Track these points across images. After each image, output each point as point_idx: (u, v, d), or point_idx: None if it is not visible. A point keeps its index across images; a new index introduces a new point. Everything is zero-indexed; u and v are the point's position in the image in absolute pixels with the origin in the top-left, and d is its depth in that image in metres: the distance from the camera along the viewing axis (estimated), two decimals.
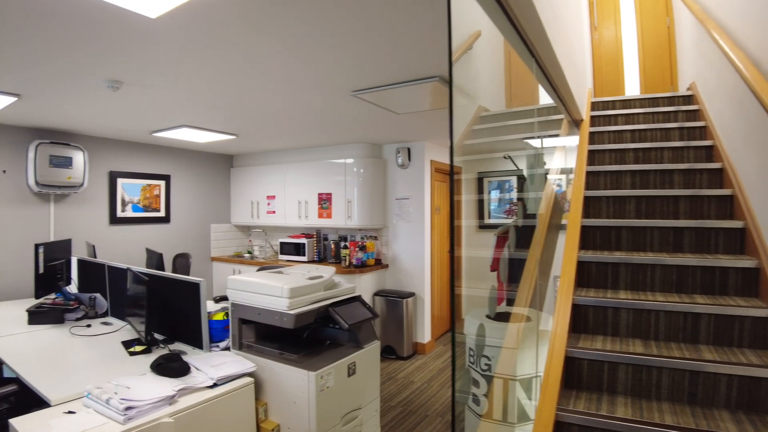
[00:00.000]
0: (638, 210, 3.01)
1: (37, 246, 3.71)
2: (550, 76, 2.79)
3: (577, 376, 2.20)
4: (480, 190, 6.35)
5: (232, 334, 2.74)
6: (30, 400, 2.34)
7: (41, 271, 3.73)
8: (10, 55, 2.71)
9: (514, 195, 5.34)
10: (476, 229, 6.41)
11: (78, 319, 3.57)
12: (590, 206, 3.14)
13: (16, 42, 2.51)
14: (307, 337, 2.85)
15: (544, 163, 4.07)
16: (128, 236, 5.73)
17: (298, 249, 5.98)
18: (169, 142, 5.73)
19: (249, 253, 6.74)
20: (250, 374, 2.47)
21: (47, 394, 2.12)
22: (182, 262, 5.35)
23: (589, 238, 2.93)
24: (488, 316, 3.34)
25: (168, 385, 2.18)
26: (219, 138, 5.25)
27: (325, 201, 5.76)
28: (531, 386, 2.93)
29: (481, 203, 6.35)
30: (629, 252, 2.74)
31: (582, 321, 2.44)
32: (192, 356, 2.60)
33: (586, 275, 2.67)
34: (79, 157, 4.97)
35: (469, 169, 6.45)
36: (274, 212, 6.34)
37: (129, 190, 5.75)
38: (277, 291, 2.46)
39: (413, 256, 5.51)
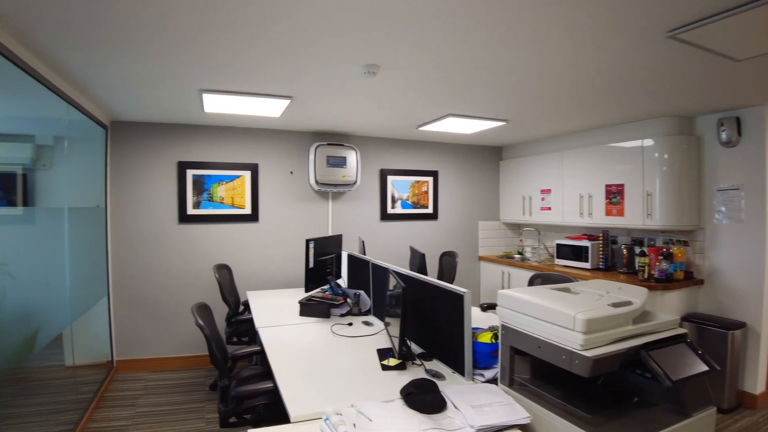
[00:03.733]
0: None
1: (308, 241, 3.78)
2: None
3: None
4: None
5: (502, 365, 2.10)
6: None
7: (311, 265, 3.79)
8: (282, 59, 2.75)
9: None
10: None
11: (342, 315, 3.53)
12: None
13: (287, 46, 2.52)
14: (603, 385, 2.01)
15: None
16: (397, 232, 5.74)
17: (578, 253, 5.00)
18: (436, 136, 5.53)
19: (519, 254, 6.06)
20: (521, 426, 1.78)
21: (290, 409, 1.95)
22: (449, 260, 5.05)
23: None
24: None
25: (416, 424, 1.72)
26: (487, 126, 4.73)
27: (614, 194, 4.64)
28: None
29: None
30: None
31: None
32: (450, 385, 2.10)
33: None
34: (352, 157, 5.14)
35: None
36: (549, 208, 5.49)
37: (398, 186, 5.74)
38: (566, 320, 1.70)
39: (745, 269, 3.94)
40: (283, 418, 1.90)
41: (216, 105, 3.83)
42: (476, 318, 3.19)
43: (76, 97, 3.50)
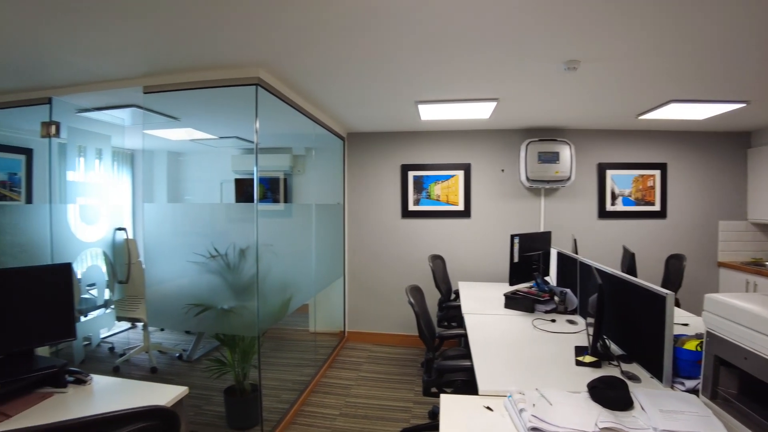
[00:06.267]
0: None
1: (512, 237, 3.91)
2: None
3: None
4: None
5: (704, 375, 1.97)
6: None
7: (516, 260, 3.90)
8: (485, 66, 2.98)
9: None
10: None
11: (547, 312, 3.56)
12: None
13: (487, 54, 2.76)
14: None
15: None
16: (617, 231, 5.38)
17: None
18: (661, 124, 5.00)
19: None
20: None
21: (480, 382, 2.18)
22: (675, 264, 4.59)
23: None
24: None
25: (594, 415, 1.75)
26: (722, 110, 4.13)
27: None
28: None
29: None
30: None
31: None
32: (643, 387, 2.08)
33: None
34: (566, 152, 5.03)
35: None
36: None
37: (619, 181, 5.39)
38: None
39: None
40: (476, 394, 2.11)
41: (430, 113, 4.26)
42: (700, 327, 2.92)
43: (320, 116, 4.32)
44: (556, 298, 3.64)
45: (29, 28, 2.38)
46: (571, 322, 3.29)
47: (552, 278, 4.52)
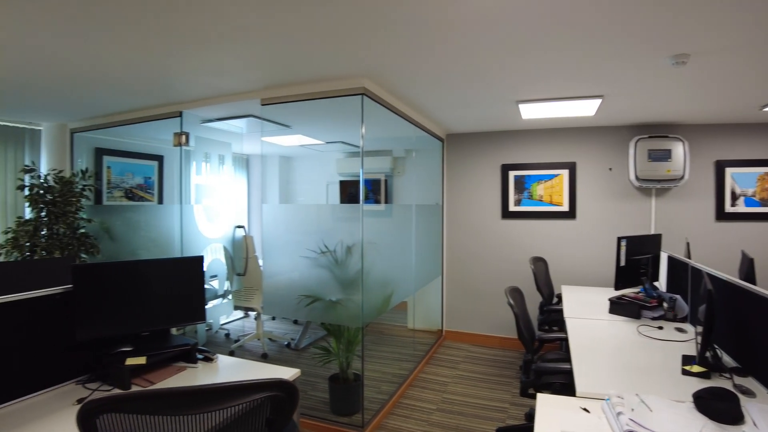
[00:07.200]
0: None
1: (619, 239, 3.76)
2: None
3: None
4: None
5: None
6: None
7: (622, 264, 3.75)
8: (587, 64, 2.97)
9: None
10: None
11: (654, 318, 3.41)
12: None
13: (591, 53, 2.74)
14: None
15: None
16: (738, 235, 4.92)
17: None
18: None
19: None
20: None
21: (578, 384, 2.16)
22: None
23: None
24: None
25: (698, 427, 1.71)
26: None
27: None
28: None
29: None
30: None
31: None
32: (759, 402, 1.95)
33: None
34: (678, 149, 4.74)
35: None
36: None
37: (741, 180, 4.94)
38: None
39: None
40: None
41: (531, 112, 4.23)
42: None
43: (420, 119, 4.48)
44: (664, 305, 3.48)
45: (168, 58, 2.80)
46: (679, 330, 3.13)
47: (661, 284, 4.29)
